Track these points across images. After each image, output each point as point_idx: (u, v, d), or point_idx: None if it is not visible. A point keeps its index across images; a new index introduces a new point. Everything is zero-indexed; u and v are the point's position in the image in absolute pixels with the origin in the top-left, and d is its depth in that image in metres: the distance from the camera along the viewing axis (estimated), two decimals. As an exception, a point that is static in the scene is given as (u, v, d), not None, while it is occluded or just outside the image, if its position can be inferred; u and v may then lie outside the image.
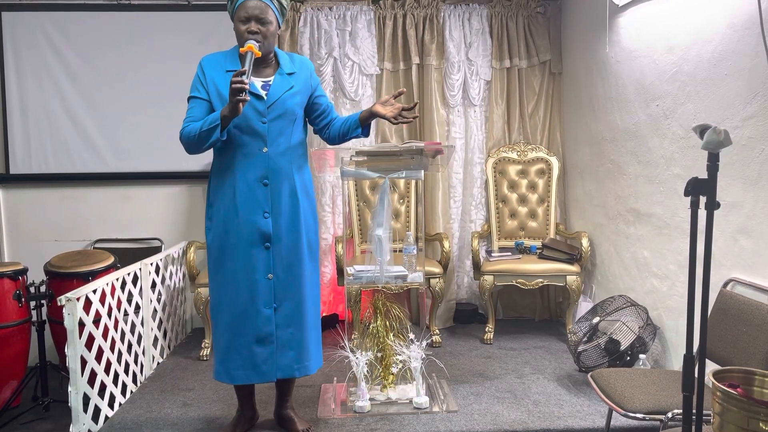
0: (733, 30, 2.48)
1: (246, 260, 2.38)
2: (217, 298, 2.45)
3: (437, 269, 3.76)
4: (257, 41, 2.26)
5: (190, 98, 2.39)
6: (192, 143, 2.28)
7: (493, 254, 3.97)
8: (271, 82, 2.39)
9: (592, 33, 3.77)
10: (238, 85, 2.10)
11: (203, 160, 4.10)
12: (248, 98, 2.16)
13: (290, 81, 2.42)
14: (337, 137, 2.53)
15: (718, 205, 1.59)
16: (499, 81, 4.24)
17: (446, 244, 3.86)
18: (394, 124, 2.42)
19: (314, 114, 2.54)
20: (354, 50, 4.11)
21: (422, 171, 2.81)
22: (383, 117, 2.40)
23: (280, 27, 2.40)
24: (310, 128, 2.64)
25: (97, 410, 2.71)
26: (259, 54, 2.25)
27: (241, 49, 2.27)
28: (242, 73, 2.12)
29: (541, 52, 4.26)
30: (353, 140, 2.65)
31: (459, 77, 4.18)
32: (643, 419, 2.13)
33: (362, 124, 2.47)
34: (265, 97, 2.35)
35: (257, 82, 2.37)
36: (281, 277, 2.42)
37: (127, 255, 3.88)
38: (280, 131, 2.38)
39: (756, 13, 2.33)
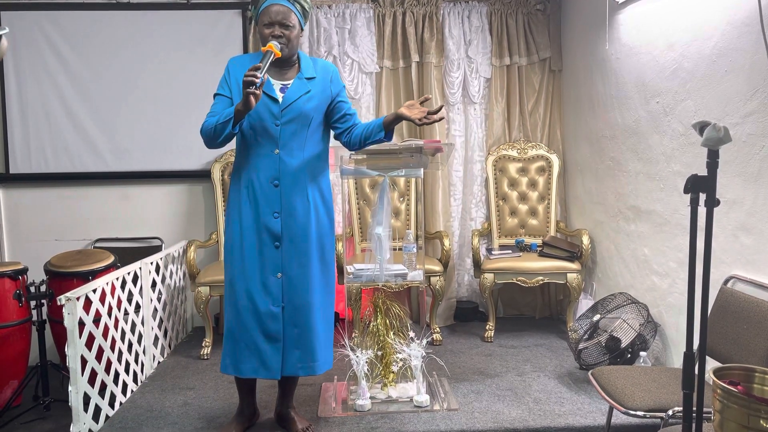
0: (733, 26, 2.48)
1: (256, 258, 2.43)
2: (229, 294, 2.49)
3: (437, 267, 3.75)
4: (280, 43, 2.32)
5: (215, 95, 2.46)
6: (209, 136, 2.35)
7: (493, 252, 3.96)
8: (289, 86, 2.42)
9: (592, 30, 3.77)
10: (250, 78, 2.14)
11: (203, 159, 4.10)
12: (259, 92, 2.18)
13: (308, 85, 2.44)
14: (358, 142, 2.51)
15: (717, 202, 1.59)
16: (499, 78, 4.23)
17: (446, 242, 3.86)
18: (417, 125, 2.40)
19: (334, 118, 2.54)
20: (353, 48, 4.11)
21: (422, 169, 2.81)
22: (408, 119, 2.38)
23: (302, 30, 2.44)
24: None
25: (97, 409, 2.71)
26: (279, 54, 2.29)
27: (263, 48, 2.31)
28: (257, 68, 2.16)
29: (540, 49, 4.25)
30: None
31: (459, 75, 4.18)
32: (644, 417, 2.13)
33: (386, 128, 2.44)
34: (281, 100, 2.38)
35: (276, 85, 2.41)
36: (290, 277, 2.45)
37: (127, 254, 3.88)
38: (293, 134, 2.41)
39: (756, 10, 2.32)
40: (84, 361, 2.62)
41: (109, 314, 2.91)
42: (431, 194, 4.18)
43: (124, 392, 3.00)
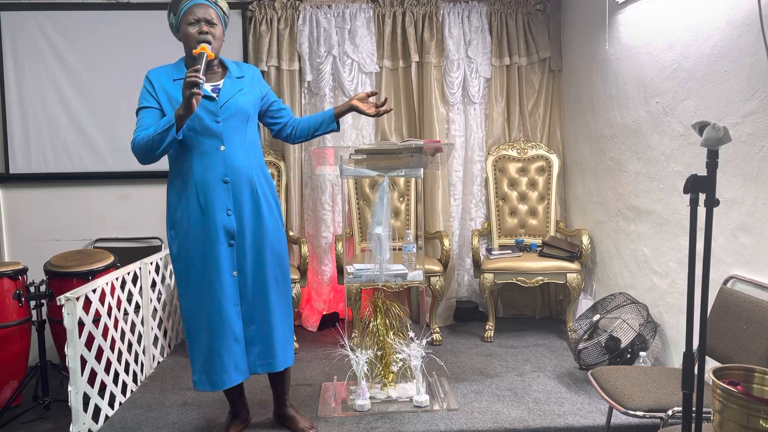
0: (733, 26, 2.48)
1: (212, 258, 2.37)
2: (191, 308, 2.42)
3: (437, 267, 3.75)
4: (208, 42, 2.29)
5: (139, 110, 2.38)
6: (146, 149, 2.26)
7: (493, 252, 3.96)
8: (220, 86, 2.41)
9: (591, 30, 3.77)
10: (193, 79, 2.10)
11: (203, 159, 4.09)
12: (201, 92, 2.14)
13: (240, 83, 2.45)
14: (305, 135, 2.60)
15: (717, 202, 1.59)
16: (499, 78, 4.23)
17: (446, 243, 3.86)
18: (372, 117, 2.54)
19: (269, 115, 2.59)
20: (353, 48, 4.11)
21: (422, 169, 2.81)
22: (362, 112, 2.51)
23: (224, 33, 2.44)
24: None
25: (97, 410, 2.71)
26: (212, 55, 2.27)
27: (194, 51, 2.27)
28: (196, 70, 2.13)
29: (540, 49, 4.25)
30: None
31: (458, 75, 4.18)
32: (644, 417, 2.13)
33: (337, 119, 2.56)
34: (217, 99, 2.37)
35: (207, 87, 2.38)
36: (245, 274, 2.42)
37: (126, 254, 3.88)
38: (235, 129, 2.40)
39: (756, 10, 2.32)
40: (84, 361, 2.62)
41: (109, 314, 2.91)
42: (431, 194, 4.18)
43: (123, 392, 3.00)
